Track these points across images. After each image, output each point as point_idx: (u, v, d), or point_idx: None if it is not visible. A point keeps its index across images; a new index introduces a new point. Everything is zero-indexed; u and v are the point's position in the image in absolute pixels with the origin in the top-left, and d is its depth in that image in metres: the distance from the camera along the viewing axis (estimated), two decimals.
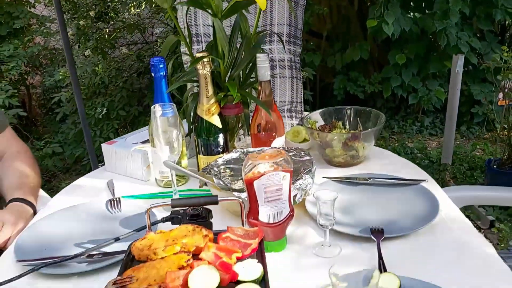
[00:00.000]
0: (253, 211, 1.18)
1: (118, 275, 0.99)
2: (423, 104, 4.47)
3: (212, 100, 1.48)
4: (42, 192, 1.73)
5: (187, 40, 1.61)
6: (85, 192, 1.59)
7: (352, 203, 1.39)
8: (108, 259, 1.16)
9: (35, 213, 1.54)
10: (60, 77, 3.94)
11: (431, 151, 4.13)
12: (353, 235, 1.21)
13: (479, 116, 4.46)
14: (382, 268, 1.07)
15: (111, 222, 1.36)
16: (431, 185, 1.43)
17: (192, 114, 1.59)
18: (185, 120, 1.68)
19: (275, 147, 1.48)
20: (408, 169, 1.57)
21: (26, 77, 4.68)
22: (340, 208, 1.33)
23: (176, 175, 1.55)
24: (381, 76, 4.51)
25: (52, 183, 4.02)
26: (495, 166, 3.28)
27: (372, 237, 1.18)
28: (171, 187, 1.48)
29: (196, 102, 1.53)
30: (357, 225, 1.24)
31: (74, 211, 1.41)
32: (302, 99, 2.48)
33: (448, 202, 1.34)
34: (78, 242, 1.26)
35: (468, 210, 3.17)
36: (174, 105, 1.37)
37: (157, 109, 1.36)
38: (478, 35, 4.28)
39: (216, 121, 1.49)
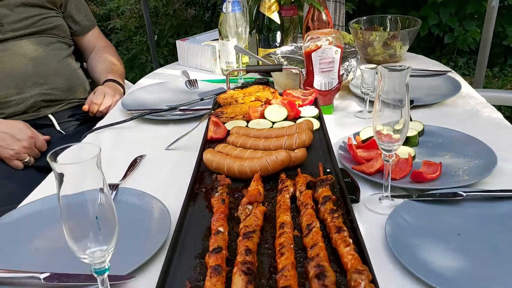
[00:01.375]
0: (308, 80, 1.48)
1: (211, 111, 1.33)
2: (459, 44, 4.57)
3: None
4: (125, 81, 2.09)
5: None
6: (164, 77, 1.93)
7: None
8: (196, 112, 1.50)
9: (124, 93, 1.89)
10: (115, 5, 4.24)
11: None
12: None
13: None
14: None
15: (191, 95, 1.69)
16: (456, 75, 1.70)
17: (254, 14, 1.87)
18: None
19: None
20: (439, 67, 1.84)
21: None
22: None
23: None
24: (419, 14, 4.61)
25: None
26: None
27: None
28: (236, 76, 1.79)
29: (258, 2, 1.82)
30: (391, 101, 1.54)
31: (161, 86, 1.76)
32: (344, 23, 2.71)
33: (469, 87, 1.61)
34: (169, 104, 1.60)
35: None
36: (244, 1, 1.66)
37: (228, 4, 1.65)
38: None
39: (275, 17, 1.77)
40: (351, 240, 0.73)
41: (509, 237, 0.87)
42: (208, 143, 1.17)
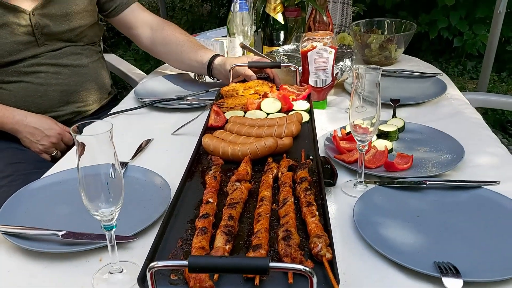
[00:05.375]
0: (304, 77, 1.62)
1: (213, 101, 1.47)
2: (467, 48, 4.64)
3: (278, 1, 1.89)
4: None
5: None
6: (174, 71, 2.08)
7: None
8: (202, 102, 1.65)
9: None
10: None
11: (467, 89, 4.38)
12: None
13: None
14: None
15: (198, 86, 1.84)
16: (445, 78, 1.82)
17: (260, 14, 2.01)
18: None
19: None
20: (431, 69, 1.96)
21: None
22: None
23: None
24: (429, 17, 4.69)
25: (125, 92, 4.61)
26: None
27: (391, 103, 1.60)
28: None
29: (264, 3, 1.95)
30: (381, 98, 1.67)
31: (170, 77, 1.92)
32: (350, 23, 2.83)
33: (455, 90, 1.74)
34: (177, 94, 1.75)
35: None
36: (251, 1, 1.80)
37: (236, 4, 1.80)
38: None
39: (279, 17, 1.91)
40: (317, 213, 0.87)
41: (460, 219, 1.00)
42: (208, 129, 1.32)
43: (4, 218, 1.03)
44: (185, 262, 0.66)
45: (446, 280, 0.81)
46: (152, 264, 0.66)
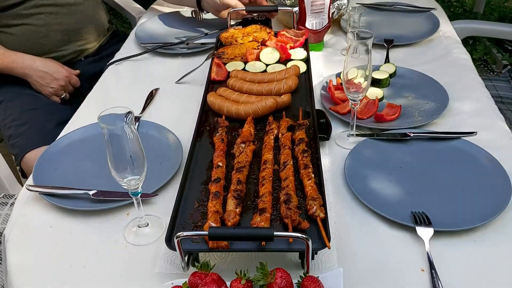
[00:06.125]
0: (301, 20, 1.65)
1: (214, 51, 1.54)
2: None
3: None
4: None
5: None
6: (170, 6, 2.08)
7: (375, 23, 1.84)
8: (203, 47, 1.71)
9: None
10: None
11: (467, 0, 4.30)
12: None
13: None
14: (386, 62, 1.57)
15: (197, 25, 1.87)
16: (440, 13, 1.85)
17: None
18: None
19: None
20: (427, 1, 1.97)
21: None
22: (365, 27, 1.79)
23: None
24: None
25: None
26: None
27: (384, 44, 1.66)
28: None
29: None
30: (375, 36, 1.72)
31: (168, 17, 1.94)
32: None
33: (447, 26, 1.78)
34: (177, 36, 1.79)
35: (487, 55, 3.55)
36: None
37: None
38: None
39: None
40: (313, 175, 1.01)
41: (438, 171, 1.14)
42: (211, 83, 1.40)
43: (38, 178, 1.17)
44: (206, 232, 0.81)
45: (419, 229, 0.97)
46: (178, 233, 0.82)
